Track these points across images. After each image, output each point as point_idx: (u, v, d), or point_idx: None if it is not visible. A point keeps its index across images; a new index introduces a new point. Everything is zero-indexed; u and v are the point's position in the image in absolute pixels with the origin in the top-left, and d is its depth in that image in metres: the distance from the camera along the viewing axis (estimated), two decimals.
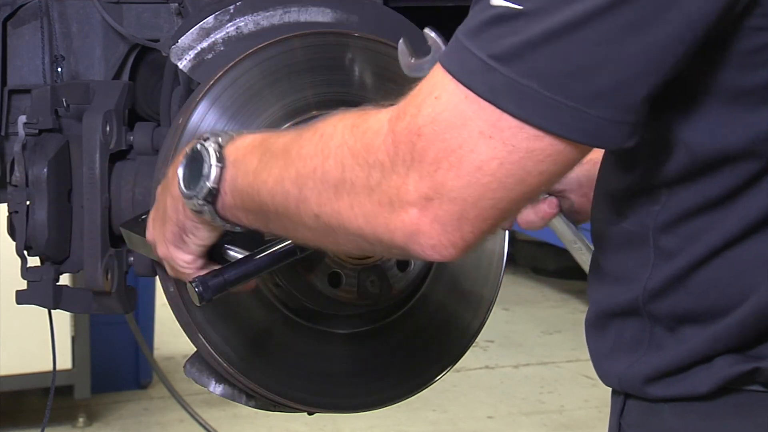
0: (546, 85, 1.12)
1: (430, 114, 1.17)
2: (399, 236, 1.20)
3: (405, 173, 1.18)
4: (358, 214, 1.23)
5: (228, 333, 1.81)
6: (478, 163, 1.14)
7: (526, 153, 1.14)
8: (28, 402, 5.32)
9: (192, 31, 1.87)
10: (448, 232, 1.18)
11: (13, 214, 1.97)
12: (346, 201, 1.23)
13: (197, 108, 1.80)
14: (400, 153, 1.18)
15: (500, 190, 1.16)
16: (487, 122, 1.14)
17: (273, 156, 1.34)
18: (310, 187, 1.27)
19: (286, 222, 1.34)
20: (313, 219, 1.28)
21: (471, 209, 1.17)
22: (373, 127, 1.22)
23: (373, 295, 1.80)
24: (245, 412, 5.12)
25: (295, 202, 1.29)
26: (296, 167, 1.29)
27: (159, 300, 5.47)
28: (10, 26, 2.13)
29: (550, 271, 7.68)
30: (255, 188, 1.36)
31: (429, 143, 1.16)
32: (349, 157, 1.23)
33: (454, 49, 1.19)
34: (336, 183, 1.24)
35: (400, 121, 1.19)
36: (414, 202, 1.18)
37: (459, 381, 5.74)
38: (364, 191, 1.21)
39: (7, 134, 2.13)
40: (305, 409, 1.90)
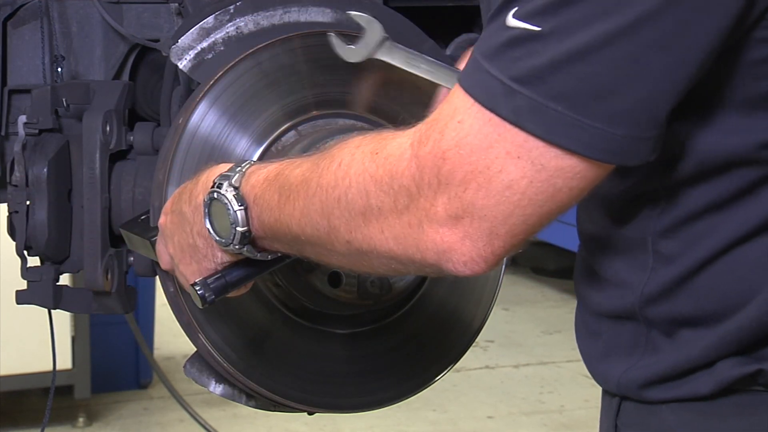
0: (569, 106, 1.13)
1: (453, 138, 1.18)
2: (431, 255, 1.22)
3: (433, 196, 1.19)
4: (389, 237, 1.24)
5: (228, 333, 1.81)
6: (508, 182, 1.16)
7: (555, 171, 1.16)
8: (28, 402, 5.32)
9: (192, 31, 1.87)
10: (479, 248, 1.20)
11: (13, 214, 1.97)
12: (376, 226, 1.25)
13: (197, 108, 1.80)
14: (426, 177, 1.20)
15: (530, 206, 1.17)
16: (513, 144, 1.15)
17: (293, 189, 1.35)
18: (337, 216, 1.28)
19: (321, 250, 1.35)
20: (345, 245, 1.30)
21: (501, 226, 1.18)
22: (394, 153, 1.23)
23: (373, 295, 1.80)
24: (245, 412, 5.12)
25: (326, 231, 1.31)
26: (319, 198, 1.31)
27: (159, 300, 5.47)
28: (10, 26, 2.13)
29: (550, 271, 7.68)
30: (283, 223, 1.37)
31: (455, 166, 1.17)
32: (372, 185, 1.24)
33: (473, 70, 1.19)
34: (362, 210, 1.25)
35: (423, 146, 1.20)
36: (444, 222, 1.20)
37: (459, 381, 5.74)
38: (393, 215, 1.23)
39: (8, 134, 2.13)
40: (305, 409, 1.90)
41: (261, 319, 1.83)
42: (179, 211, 1.56)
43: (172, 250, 1.58)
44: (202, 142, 1.80)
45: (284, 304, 1.83)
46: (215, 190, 1.45)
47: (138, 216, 1.82)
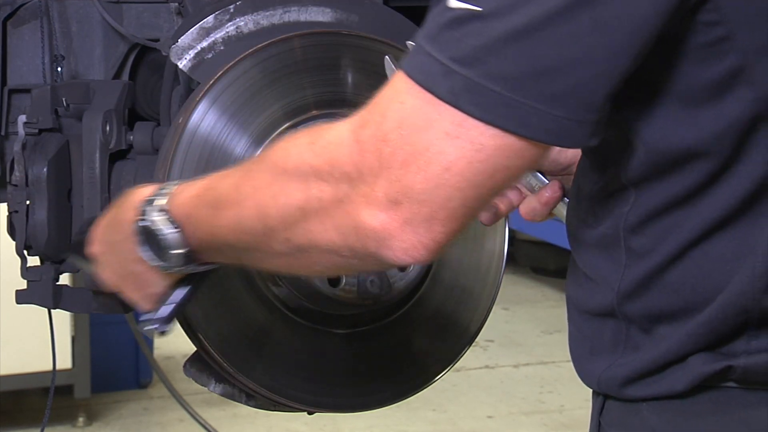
0: (507, 86, 1.13)
1: (395, 119, 1.17)
2: (371, 244, 1.20)
3: (373, 180, 1.18)
4: (329, 227, 1.22)
5: (228, 333, 1.81)
6: (446, 164, 1.15)
7: (494, 151, 1.15)
8: (28, 402, 5.32)
9: (192, 30, 1.87)
10: (419, 234, 1.18)
11: (13, 214, 1.97)
12: (315, 218, 1.23)
13: (197, 107, 1.80)
14: (367, 161, 1.18)
15: (469, 188, 1.16)
16: (452, 124, 1.14)
17: (223, 199, 1.33)
18: (274, 215, 1.26)
19: (259, 255, 1.33)
20: (284, 244, 1.28)
21: (441, 210, 1.17)
22: (334, 141, 1.23)
23: (373, 294, 1.80)
24: (245, 411, 5.12)
25: (263, 233, 1.29)
26: (254, 201, 1.29)
27: None
28: (10, 26, 2.13)
29: (550, 271, 7.68)
30: (218, 235, 1.36)
31: (396, 148, 1.16)
32: (311, 175, 1.23)
33: (415, 53, 1.19)
34: (301, 204, 1.24)
35: (364, 130, 1.19)
36: (384, 207, 1.18)
37: (459, 380, 5.74)
38: (333, 204, 1.21)
39: (7, 134, 2.13)
40: (305, 409, 1.90)
41: (261, 318, 1.83)
42: (111, 242, 1.53)
43: (113, 279, 1.56)
44: (202, 141, 1.80)
45: (284, 304, 1.83)
46: (143, 217, 1.42)
47: (79, 235, 1.73)
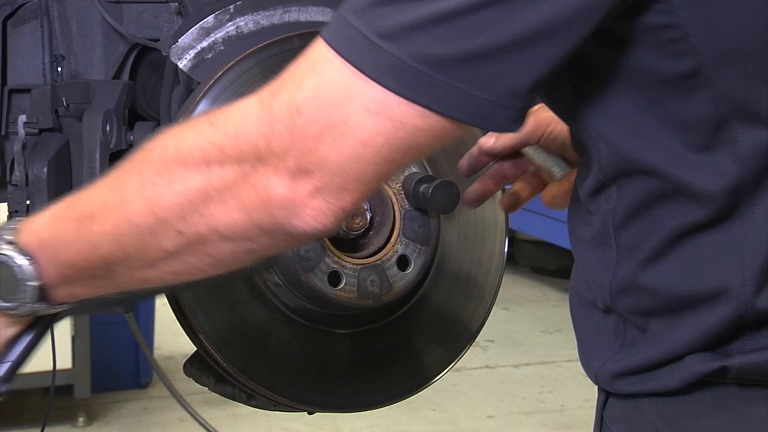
0: (432, 66, 1.12)
1: (311, 89, 1.15)
2: (280, 213, 1.17)
3: (283, 151, 1.16)
4: (232, 207, 1.18)
5: (228, 332, 1.81)
6: (364, 138, 1.14)
7: (414, 129, 1.14)
8: (28, 401, 5.32)
9: (192, 30, 1.87)
10: (329, 202, 1.17)
11: (13, 214, 1.97)
12: (217, 200, 1.19)
13: (197, 107, 1.80)
14: (277, 131, 1.16)
15: (383, 163, 1.16)
16: (373, 99, 1.13)
17: (96, 208, 1.25)
18: (166, 205, 1.20)
19: (140, 263, 1.25)
20: (176, 239, 1.21)
21: (353, 182, 1.16)
22: (238, 114, 1.19)
23: (373, 294, 1.80)
24: (245, 411, 5.12)
25: (150, 231, 1.21)
26: (142, 195, 1.22)
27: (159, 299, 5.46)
28: (10, 26, 2.13)
29: (550, 271, 7.68)
30: (90, 250, 1.26)
31: (311, 119, 1.15)
32: (212, 155, 1.18)
33: (338, 25, 1.17)
34: (201, 186, 1.19)
35: (275, 99, 1.17)
36: (294, 177, 1.16)
37: (459, 380, 5.74)
38: (238, 181, 1.18)
39: (8, 134, 2.14)
40: (305, 409, 1.90)
41: (261, 318, 1.83)
42: None
43: None
44: None
45: (284, 304, 1.83)
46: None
47: None
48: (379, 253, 1.82)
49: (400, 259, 1.82)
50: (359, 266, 1.79)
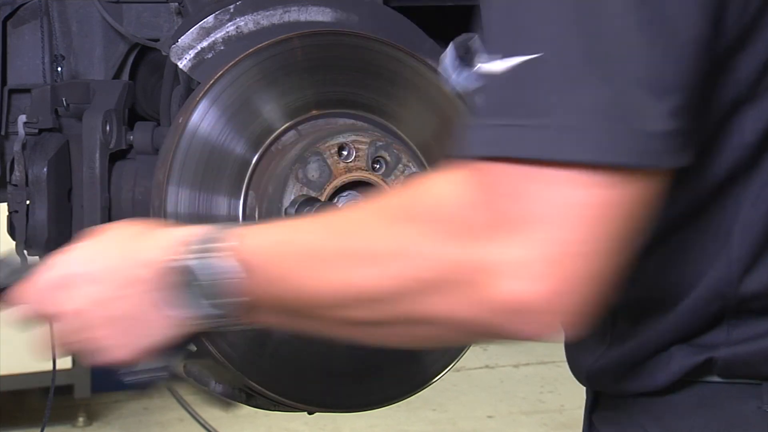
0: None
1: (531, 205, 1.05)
2: (509, 318, 1.06)
3: (518, 243, 1.05)
4: (458, 301, 1.08)
5: (228, 333, 1.81)
6: (590, 213, 1.04)
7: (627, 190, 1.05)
8: (28, 401, 5.32)
9: (192, 30, 1.87)
10: (573, 300, 1.06)
11: (13, 214, 1.98)
12: (442, 289, 1.09)
13: (197, 107, 1.80)
14: (505, 224, 1.06)
15: (613, 238, 1.06)
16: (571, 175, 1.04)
17: (332, 253, 1.17)
18: (386, 284, 1.11)
19: (352, 321, 1.18)
20: (385, 313, 1.14)
21: (591, 265, 1.06)
22: (462, 203, 1.09)
23: None
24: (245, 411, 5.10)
25: (380, 297, 1.13)
26: (376, 256, 1.13)
27: None
28: (10, 26, 2.13)
29: None
30: (306, 293, 1.19)
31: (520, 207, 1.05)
32: (440, 236, 1.09)
33: (479, 133, 1.08)
34: (426, 273, 1.09)
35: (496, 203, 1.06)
36: (533, 275, 1.04)
37: (459, 380, 5.74)
38: (467, 274, 1.07)
39: (7, 134, 2.14)
40: (305, 409, 1.90)
41: None
42: (123, 278, 1.28)
43: (77, 317, 1.31)
44: (202, 141, 1.80)
45: None
46: (204, 255, 1.21)
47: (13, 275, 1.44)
48: None
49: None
50: None
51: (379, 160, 1.81)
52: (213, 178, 1.80)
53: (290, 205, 1.74)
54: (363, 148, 1.79)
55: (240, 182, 1.81)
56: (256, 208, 1.81)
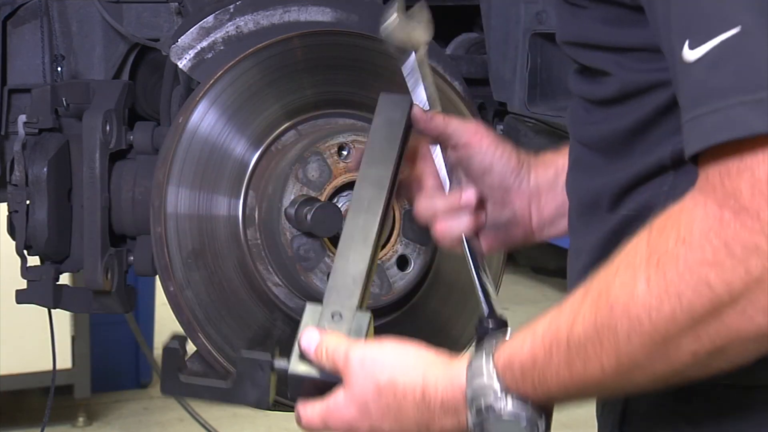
0: None
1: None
2: None
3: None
4: (753, 313, 1.06)
5: (228, 332, 1.81)
6: None
7: None
8: (28, 401, 5.32)
9: (192, 30, 1.87)
10: None
11: (13, 214, 1.97)
12: (732, 312, 1.06)
13: (197, 107, 1.80)
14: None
15: None
16: None
17: (582, 345, 1.16)
18: (675, 333, 1.09)
19: (643, 381, 1.16)
20: (689, 358, 1.11)
21: None
22: (702, 228, 1.07)
23: (373, 294, 1.80)
24: (245, 411, 5.11)
25: (662, 358, 1.11)
26: (638, 331, 1.11)
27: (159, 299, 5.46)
28: (10, 25, 2.13)
29: (551, 271, 7.67)
30: (581, 384, 1.20)
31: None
32: (708, 270, 1.06)
33: (732, 113, 1.04)
34: (709, 305, 1.07)
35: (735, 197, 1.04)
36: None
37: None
38: (751, 285, 1.05)
39: (8, 133, 2.14)
40: None
41: (261, 318, 1.83)
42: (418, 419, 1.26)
43: None
44: (201, 141, 1.80)
45: (284, 303, 1.83)
46: (495, 416, 1.23)
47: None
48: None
49: (400, 259, 1.82)
50: None
51: None
52: (213, 178, 1.80)
53: (290, 204, 1.74)
54: (363, 148, 1.79)
55: (240, 182, 1.81)
56: (255, 208, 1.81)
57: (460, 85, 2.00)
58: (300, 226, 1.73)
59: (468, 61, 2.26)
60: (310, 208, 1.71)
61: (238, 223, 1.81)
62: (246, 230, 1.81)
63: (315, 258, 1.76)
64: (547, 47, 2.06)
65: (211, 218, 1.80)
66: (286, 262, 1.76)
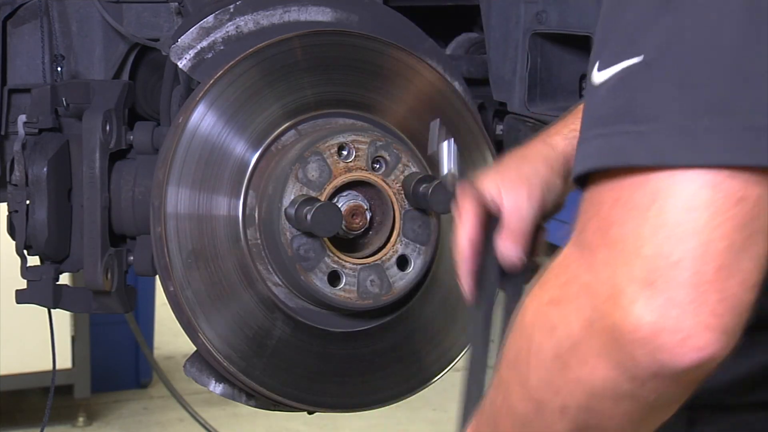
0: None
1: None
2: (639, 350, 0.95)
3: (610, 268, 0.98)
4: (594, 361, 0.99)
5: (228, 332, 1.81)
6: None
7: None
8: (28, 401, 5.32)
9: (192, 30, 1.87)
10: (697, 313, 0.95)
11: (13, 214, 1.97)
12: (573, 356, 1.00)
13: (197, 107, 1.80)
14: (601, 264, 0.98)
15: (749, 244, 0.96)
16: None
17: (494, 414, 1.14)
18: (535, 381, 1.05)
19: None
20: (565, 423, 1.05)
21: None
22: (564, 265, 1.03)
23: (373, 294, 1.80)
24: (245, 411, 5.12)
25: (537, 419, 1.07)
26: (513, 383, 1.09)
27: (159, 299, 5.46)
28: (10, 25, 2.13)
29: None
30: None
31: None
32: (551, 310, 1.02)
33: (602, 144, 1.00)
34: (555, 346, 1.02)
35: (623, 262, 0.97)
36: (639, 293, 0.96)
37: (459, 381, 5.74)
38: (584, 332, 0.99)
39: (7, 133, 2.14)
40: (305, 408, 1.90)
41: (261, 318, 1.83)
42: None
43: None
44: (201, 141, 1.80)
45: (284, 303, 1.83)
46: None
47: None
48: (378, 253, 1.82)
49: (400, 258, 1.83)
50: (359, 266, 1.79)
51: (379, 160, 1.81)
52: (213, 178, 1.80)
53: (290, 204, 1.74)
54: (363, 148, 1.79)
55: (240, 182, 1.81)
56: (255, 208, 1.81)
57: (460, 85, 2.00)
58: (300, 226, 1.74)
59: (468, 61, 2.26)
60: (310, 208, 1.71)
61: (238, 223, 1.81)
62: (246, 230, 1.81)
63: (315, 258, 1.76)
64: (547, 47, 2.06)
65: (211, 218, 1.80)
66: (286, 262, 1.77)
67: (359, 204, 1.81)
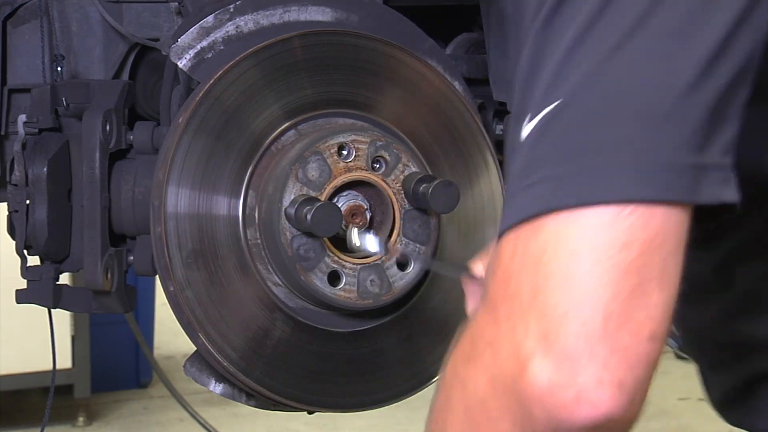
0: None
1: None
2: (537, 408, 0.93)
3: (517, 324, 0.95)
4: (500, 417, 0.98)
5: (228, 332, 1.81)
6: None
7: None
8: (28, 401, 5.32)
9: (192, 30, 1.87)
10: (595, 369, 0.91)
11: (13, 214, 1.97)
12: (481, 413, 1.00)
13: (197, 107, 1.80)
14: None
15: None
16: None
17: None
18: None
19: None
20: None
21: None
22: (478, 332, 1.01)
23: (373, 294, 1.80)
24: (245, 411, 5.12)
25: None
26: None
27: (159, 299, 5.47)
28: (10, 25, 2.13)
29: None
30: None
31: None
32: (462, 366, 1.03)
33: (518, 199, 0.97)
34: (462, 400, 1.04)
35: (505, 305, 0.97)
36: (533, 354, 0.93)
37: None
38: (488, 390, 0.99)
39: (7, 133, 2.14)
40: (305, 408, 1.90)
41: (261, 318, 1.83)
42: None
43: None
44: (201, 141, 1.80)
45: (284, 303, 1.83)
46: None
47: None
48: None
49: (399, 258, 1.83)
50: (359, 266, 1.79)
51: (379, 160, 1.81)
52: (213, 178, 1.80)
53: (290, 204, 1.74)
54: (363, 148, 1.79)
55: (240, 182, 1.81)
56: (255, 208, 1.81)
57: (460, 85, 2.00)
58: (300, 226, 1.74)
59: (468, 61, 2.26)
60: (310, 208, 1.71)
61: (238, 223, 1.81)
62: (246, 230, 1.81)
63: (315, 258, 1.76)
64: None
65: (211, 218, 1.80)
66: (286, 262, 1.77)
67: (359, 204, 1.81)
